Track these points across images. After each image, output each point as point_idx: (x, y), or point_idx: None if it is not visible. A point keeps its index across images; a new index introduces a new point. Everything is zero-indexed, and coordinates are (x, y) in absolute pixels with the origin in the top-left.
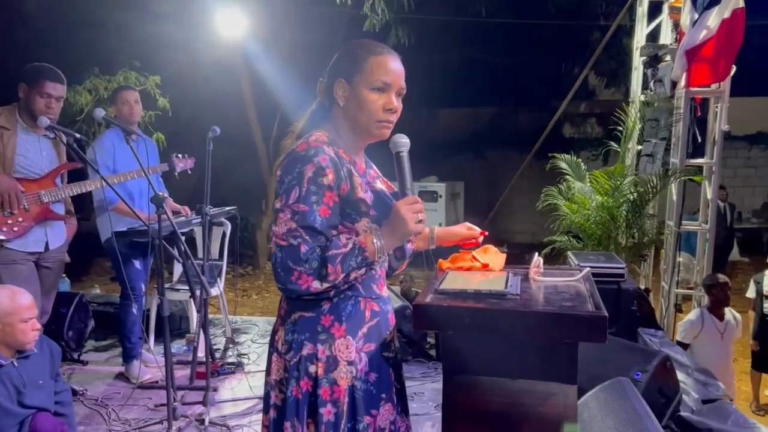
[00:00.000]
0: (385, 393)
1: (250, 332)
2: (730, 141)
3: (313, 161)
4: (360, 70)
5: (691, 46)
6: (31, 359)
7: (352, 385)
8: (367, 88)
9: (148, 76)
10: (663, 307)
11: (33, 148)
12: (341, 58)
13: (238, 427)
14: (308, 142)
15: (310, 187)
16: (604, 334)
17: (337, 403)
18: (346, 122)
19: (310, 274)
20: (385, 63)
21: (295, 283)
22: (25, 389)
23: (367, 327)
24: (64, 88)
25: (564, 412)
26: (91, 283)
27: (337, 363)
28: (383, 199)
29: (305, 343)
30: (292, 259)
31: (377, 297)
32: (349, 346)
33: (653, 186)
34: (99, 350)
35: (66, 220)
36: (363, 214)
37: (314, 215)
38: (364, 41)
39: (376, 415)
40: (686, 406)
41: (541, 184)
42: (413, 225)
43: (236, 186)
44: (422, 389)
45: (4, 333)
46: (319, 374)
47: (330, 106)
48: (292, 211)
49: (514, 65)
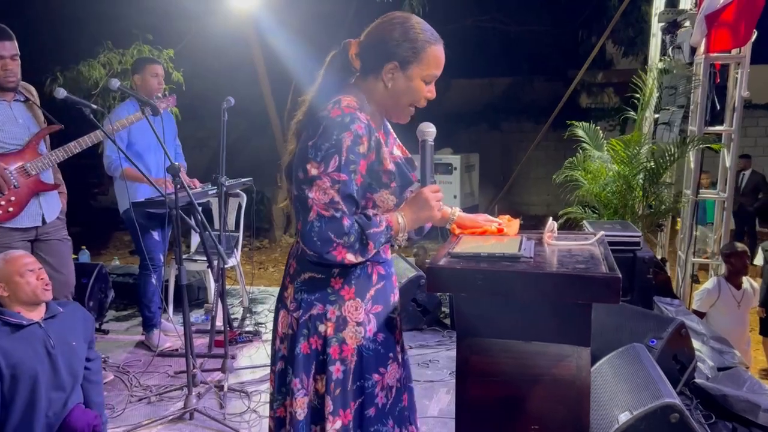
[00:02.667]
0: (392, 352)
1: (267, 302)
2: (750, 110)
3: (350, 129)
4: (418, 60)
5: (711, 11)
6: (57, 319)
7: (360, 344)
8: (420, 78)
9: (161, 49)
10: (679, 277)
11: (6, 117)
12: (397, 38)
13: (256, 393)
14: (341, 108)
15: (349, 156)
16: (618, 295)
17: (345, 362)
18: (380, 98)
19: (346, 247)
20: (439, 56)
21: (330, 254)
22: (55, 349)
23: (374, 289)
24: (13, 44)
25: (577, 373)
26: (110, 256)
27: (347, 323)
28: (403, 171)
29: (315, 303)
30: (335, 232)
31: (383, 261)
32: (358, 307)
33: (671, 154)
34: (119, 320)
35: (58, 188)
36: (383, 185)
37: (352, 184)
38: (419, 23)
39: (384, 373)
40: (701, 373)
41: (557, 155)
42: (437, 212)
43: (251, 160)
44: (437, 357)
45: (12, 290)
46: (329, 333)
47: (364, 75)
48: (332, 179)
49: (529, 34)
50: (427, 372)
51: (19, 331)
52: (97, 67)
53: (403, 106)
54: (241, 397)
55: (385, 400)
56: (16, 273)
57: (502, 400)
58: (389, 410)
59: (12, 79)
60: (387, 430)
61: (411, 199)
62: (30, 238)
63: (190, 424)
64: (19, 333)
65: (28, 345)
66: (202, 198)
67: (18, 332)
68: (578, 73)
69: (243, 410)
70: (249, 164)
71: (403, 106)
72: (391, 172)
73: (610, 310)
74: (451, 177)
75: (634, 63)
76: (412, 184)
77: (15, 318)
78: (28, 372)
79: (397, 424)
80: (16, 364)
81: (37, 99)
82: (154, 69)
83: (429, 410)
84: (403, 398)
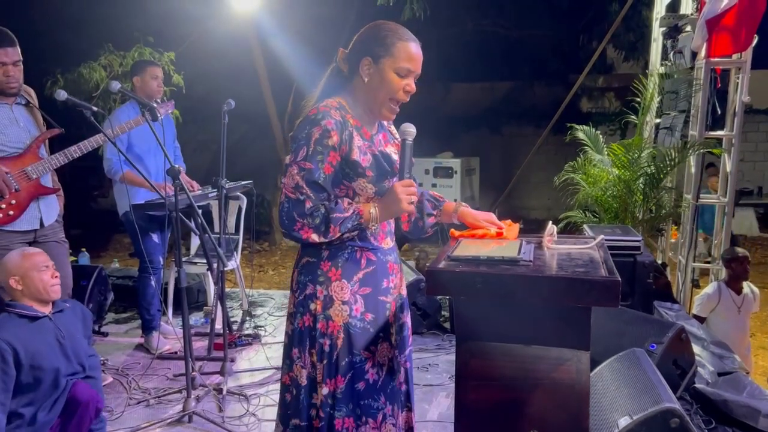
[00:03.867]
0: (382, 333)
1: (266, 305)
2: (751, 115)
3: (320, 124)
4: (388, 53)
5: (712, 16)
6: (65, 314)
7: (347, 322)
8: (392, 71)
9: (162, 52)
10: (680, 282)
11: (8, 120)
12: (370, 37)
13: (255, 396)
14: (318, 108)
15: (317, 147)
16: (617, 299)
17: (331, 337)
18: (364, 95)
19: (311, 227)
20: (411, 51)
21: (297, 232)
22: (65, 340)
23: (363, 273)
24: (16, 50)
25: (577, 377)
26: (110, 258)
27: (332, 302)
28: (381, 163)
29: (308, 284)
30: (298, 212)
31: (374, 248)
32: (344, 288)
33: (671, 159)
34: (119, 322)
35: (58, 191)
36: (359, 174)
37: (319, 172)
38: (391, 25)
39: (375, 351)
40: (701, 378)
41: (558, 159)
42: (405, 205)
43: (251, 163)
44: (437, 361)
45: (25, 285)
46: (317, 311)
47: (350, 77)
48: (299, 167)
49: (530, 38)
50: (427, 376)
51: (33, 323)
52: (97, 69)
53: (382, 100)
54: (240, 401)
55: (377, 377)
56: (32, 269)
57: (502, 403)
58: (381, 387)
59: (14, 85)
60: (378, 405)
61: (385, 193)
62: (28, 241)
63: (188, 427)
64: (34, 324)
65: (43, 336)
66: (202, 201)
67: (33, 324)
68: (579, 77)
69: (242, 413)
70: (250, 167)
71: (383, 100)
72: (361, 164)
73: (610, 314)
74: (452, 181)
75: (634, 67)
76: (393, 175)
77: (29, 311)
78: (47, 360)
79: (390, 401)
80: (35, 354)
81: (36, 101)
82: (154, 71)
83: (429, 414)
84: (398, 378)
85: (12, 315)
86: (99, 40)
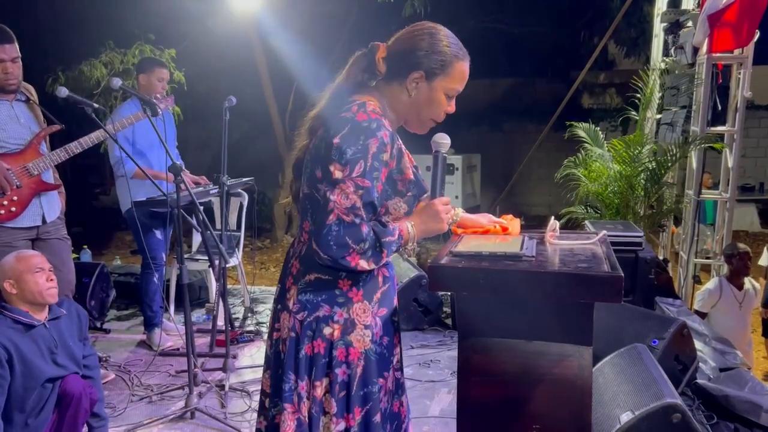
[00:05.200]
0: (393, 356)
1: (268, 302)
2: (752, 110)
3: (376, 135)
4: (445, 74)
5: (713, 11)
6: (61, 321)
7: (368, 349)
8: (443, 91)
9: (163, 49)
10: (681, 277)
11: (8, 117)
12: (427, 48)
13: (257, 393)
14: (367, 113)
15: (374, 162)
16: (620, 294)
17: (351, 365)
18: (403, 107)
19: (361, 253)
20: (465, 71)
21: (345, 260)
22: (57, 350)
23: (380, 292)
24: (14, 47)
25: (579, 373)
26: (112, 255)
27: (354, 326)
28: (419, 181)
29: (322, 305)
30: (353, 238)
31: (387, 263)
32: (366, 310)
33: (672, 154)
34: (121, 319)
35: (59, 188)
36: (398, 193)
37: (374, 191)
38: (449, 35)
39: (387, 377)
40: (703, 374)
41: (559, 156)
42: (445, 224)
43: (252, 161)
44: (438, 357)
45: (20, 288)
46: (335, 336)
47: (388, 80)
48: (356, 185)
49: (531, 35)
50: (429, 372)
51: (28, 331)
52: (98, 66)
53: (424, 119)
54: (243, 397)
55: (387, 405)
56: (27, 271)
57: (504, 399)
58: (389, 415)
59: (13, 82)
60: None
61: (422, 210)
62: (31, 237)
63: (191, 423)
64: (29, 332)
65: (36, 347)
66: (204, 197)
67: (28, 331)
68: (580, 73)
69: (244, 410)
70: (251, 164)
71: (424, 118)
72: (410, 181)
73: (612, 310)
74: (453, 177)
75: (636, 63)
76: (426, 193)
77: (25, 317)
78: (38, 370)
79: (391, 426)
80: (26, 363)
81: (36, 98)
82: (162, 73)
83: (430, 410)
84: (394, 405)
85: (7, 318)
86: (100, 37)
